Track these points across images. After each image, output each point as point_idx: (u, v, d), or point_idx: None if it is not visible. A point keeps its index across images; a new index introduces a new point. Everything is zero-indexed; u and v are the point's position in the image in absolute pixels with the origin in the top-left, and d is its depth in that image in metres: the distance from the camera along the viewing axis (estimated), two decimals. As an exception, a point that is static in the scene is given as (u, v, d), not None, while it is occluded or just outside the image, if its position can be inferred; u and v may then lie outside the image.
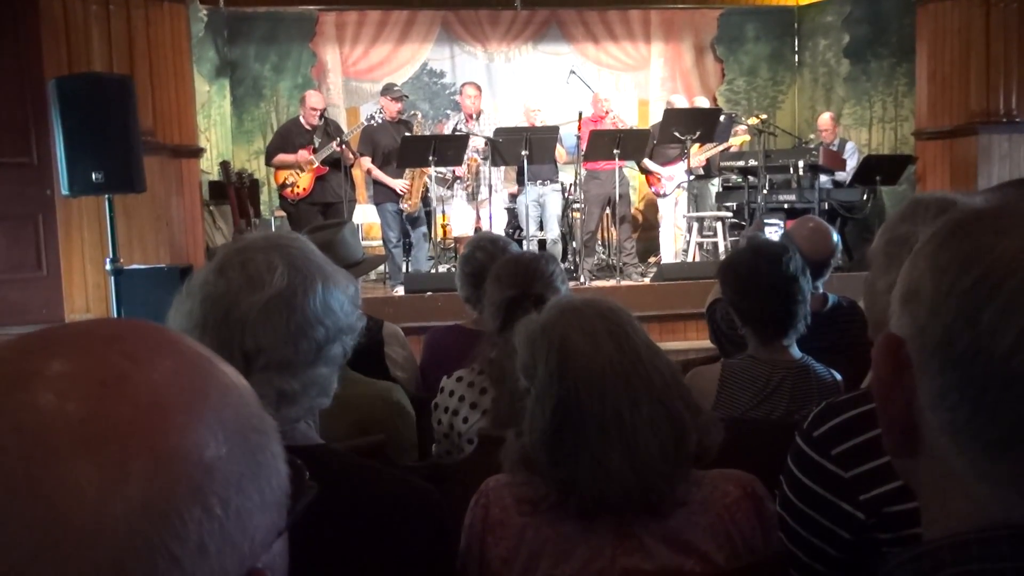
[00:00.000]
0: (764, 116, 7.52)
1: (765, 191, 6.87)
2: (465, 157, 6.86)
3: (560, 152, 7.12)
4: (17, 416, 0.42)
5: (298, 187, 6.66)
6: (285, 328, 1.16)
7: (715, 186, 7.82)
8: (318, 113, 6.74)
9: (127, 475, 0.42)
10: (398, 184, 6.77)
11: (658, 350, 1.40)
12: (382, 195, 6.90)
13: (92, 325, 0.49)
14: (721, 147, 7.41)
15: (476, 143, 7.01)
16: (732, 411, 2.18)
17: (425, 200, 7.49)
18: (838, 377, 2.25)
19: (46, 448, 0.41)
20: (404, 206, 6.82)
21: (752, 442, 1.76)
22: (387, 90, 7.19)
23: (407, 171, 6.76)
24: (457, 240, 7.22)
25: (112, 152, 4.20)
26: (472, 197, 7.26)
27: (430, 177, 6.89)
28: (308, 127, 6.78)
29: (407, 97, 7.45)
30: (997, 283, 0.50)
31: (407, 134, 6.87)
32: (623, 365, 1.34)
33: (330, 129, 6.71)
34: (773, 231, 6.38)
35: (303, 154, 6.60)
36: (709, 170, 7.61)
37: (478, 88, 7.40)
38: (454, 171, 7.04)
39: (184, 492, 0.43)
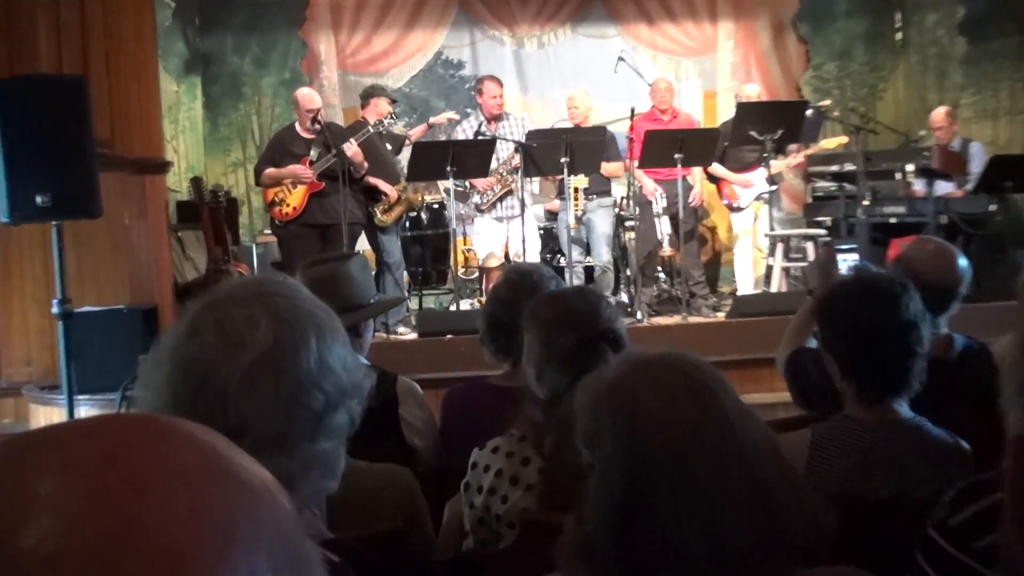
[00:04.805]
0: (862, 110, 7.49)
1: (866, 202, 6.82)
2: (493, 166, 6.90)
3: (612, 168, 7.12)
4: None
5: (288, 206, 6.60)
6: (274, 396, 1.16)
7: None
8: (313, 116, 6.64)
9: None
10: (389, 189, 6.92)
11: (752, 413, 1.38)
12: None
13: (81, 439, 0.48)
14: (811, 150, 7.38)
15: (505, 148, 7.03)
16: (825, 484, 2.13)
17: (441, 220, 7.53)
18: (964, 445, 2.20)
19: None
20: (378, 213, 6.92)
21: (852, 523, 1.72)
22: (379, 91, 7.34)
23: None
24: (484, 270, 7.22)
25: (61, 170, 4.25)
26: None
27: (447, 192, 6.90)
28: (308, 135, 6.74)
29: (396, 101, 7.62)
30: None
31: (418, 140, 7.03)
32: (707, 431, 1.32)
33: (331, 136, 6.56)
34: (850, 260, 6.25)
35: (298, 168, 6.59)
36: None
37: (500, 84, 7.38)
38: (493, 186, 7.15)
39: None
